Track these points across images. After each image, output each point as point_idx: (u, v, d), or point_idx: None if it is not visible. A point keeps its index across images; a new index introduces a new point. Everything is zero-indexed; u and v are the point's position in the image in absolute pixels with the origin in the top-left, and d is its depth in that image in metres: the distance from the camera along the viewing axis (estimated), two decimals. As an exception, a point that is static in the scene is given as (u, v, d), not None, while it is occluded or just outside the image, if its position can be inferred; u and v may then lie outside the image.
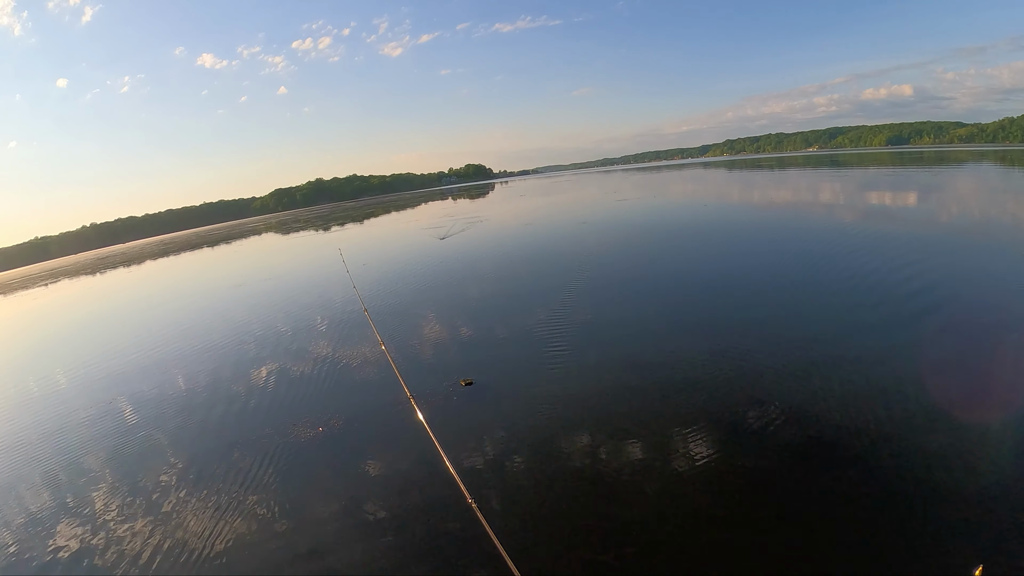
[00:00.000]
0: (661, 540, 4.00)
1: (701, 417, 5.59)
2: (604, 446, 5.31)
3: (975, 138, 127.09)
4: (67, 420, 8.53)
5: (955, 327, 7.50)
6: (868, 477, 4.38)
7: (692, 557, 3.83)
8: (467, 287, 14.07)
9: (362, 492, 5.15)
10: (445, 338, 9.70)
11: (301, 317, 12.96)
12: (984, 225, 15.34)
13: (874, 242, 13.83)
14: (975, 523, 3.84)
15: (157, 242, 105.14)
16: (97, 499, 5.82)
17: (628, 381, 6.79)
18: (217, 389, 8.73)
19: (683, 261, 14.18)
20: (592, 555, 3.92)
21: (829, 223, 18.27)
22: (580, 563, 3.87)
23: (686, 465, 4.81)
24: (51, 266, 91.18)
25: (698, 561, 3.79)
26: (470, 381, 7.17)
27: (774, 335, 7.76)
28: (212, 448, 6.60)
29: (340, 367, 8.90)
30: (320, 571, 4.18)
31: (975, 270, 10.40)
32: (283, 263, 28.83)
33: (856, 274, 10.59)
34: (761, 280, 11.20)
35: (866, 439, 4.90)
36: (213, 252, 46.44)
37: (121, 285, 33.61)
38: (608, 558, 3.87)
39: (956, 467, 4.45)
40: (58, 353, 14.85)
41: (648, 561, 3.83)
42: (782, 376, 6.33)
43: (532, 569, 3.77)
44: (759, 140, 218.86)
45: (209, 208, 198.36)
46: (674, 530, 4.10)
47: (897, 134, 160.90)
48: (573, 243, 19.14)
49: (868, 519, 3.96)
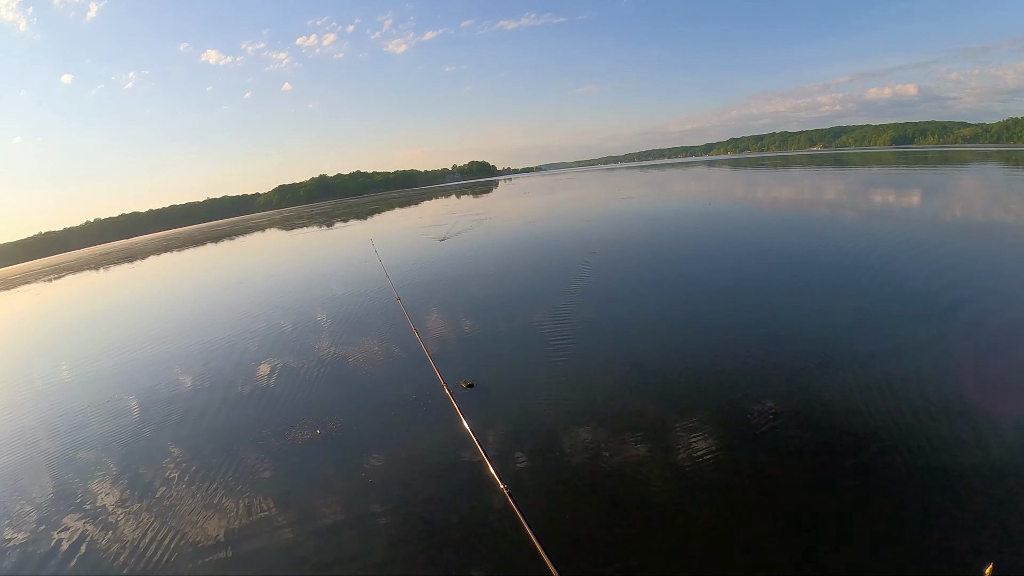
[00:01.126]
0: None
1: (704, 413, 5.61)
2: (608, 442, 5.31)
3: (979, 138, 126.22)
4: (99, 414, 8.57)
5: (969, 326, 7.51)
6: (879, 476, 4.37)
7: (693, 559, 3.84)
8: (469, 286, 14.05)
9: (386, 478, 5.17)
10: (446, 338, 9.69)
11: (333, 304, 13.02)
12: (993, 226, 15.26)
13: (881, 241, 13.76)
14: (986, 521, 3.85)
15: (160, 238, 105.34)
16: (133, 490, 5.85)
17: (633, 380, 6.79)
18: (229, 380, 8.79)
19: (690, 261, 14.14)
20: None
21: (834, 222, 18.19)
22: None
23: (689, 464, 4.81)
24: (55, 261, 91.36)
25: (698, 562, 3.80)
26: (471, 383, 7.15)
27: (783, 334, 7.75)
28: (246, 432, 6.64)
29: (372, 356, 8.93)
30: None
31: (987, 270, 10.37)
32: (295, 258, 28.88)
33: (864, 274, 10.58)
34: (767, 280, 11.17)
35: (875, 438, 4.89)
36: (217, 248, 46.55)
37: (135, 280, 33.71)
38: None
39: (966, 464, 4.44)
40: (81, 346, 14.91)
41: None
42: (791, 373, 6.32)
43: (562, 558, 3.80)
44: (763, 139, 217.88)
45: (213, 204, 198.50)
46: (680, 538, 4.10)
47: (901, 134, 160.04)
48: (578, 241, 19.10)
49: (876, 517, 3.96)
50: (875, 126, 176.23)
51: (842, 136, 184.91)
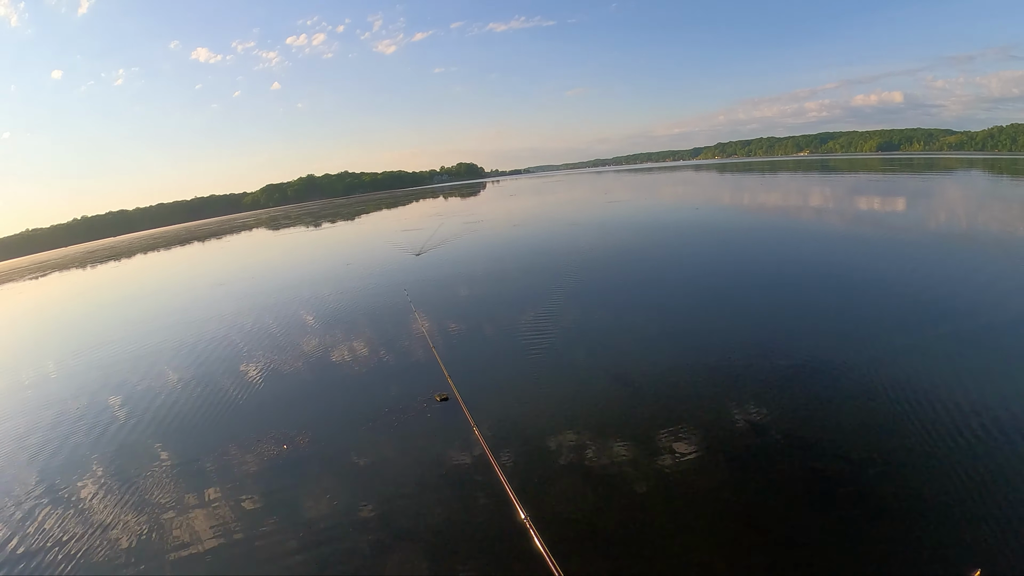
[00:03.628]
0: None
1: (684, 418, 5.56)
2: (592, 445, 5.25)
3: (964, 146, 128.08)
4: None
5: (959, 332, 7.61)
6: (871, 482, 4.37)
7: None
8: (457, 289, 13.95)
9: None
10: (419, 349, 9.59)
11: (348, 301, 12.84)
12: (980, 231, 15.44)
13: (867, 248, 13.85)
14: (975, 526, 3.99)
15: (147, 236, 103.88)
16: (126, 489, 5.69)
17: (621, 392, 6.74)
18: (222, 381, 8.62)
19: (674, 268, 14.16)
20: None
21: (819, 229, 18.36)
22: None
23: (671, 463, 4.77)
24: (41, 259, 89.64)
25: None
26: (445, 396, 7.06)
27: (769, 339, 7.75)
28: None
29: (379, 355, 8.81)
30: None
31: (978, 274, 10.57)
32: (266, 261, 28.54)
33: (847, 280, 10.67)
34: (750, 285, 11.27)
35: (863, 446, 4.93)
36: (204, 247, 45.94)
37: (119, 279, 33.13)
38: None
39: (954, 472, 4.56)
40: (76, 342, 14.58)
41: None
42: (786, 380, 6.31)
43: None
44: (750, 143, 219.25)
45: (200, 203, 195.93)
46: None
47: (888, 140, 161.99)
48: (565, 244, 19.00)
49: (867, 522, 4.07)
50: (862, 132, 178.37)
51: (829, 142, 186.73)
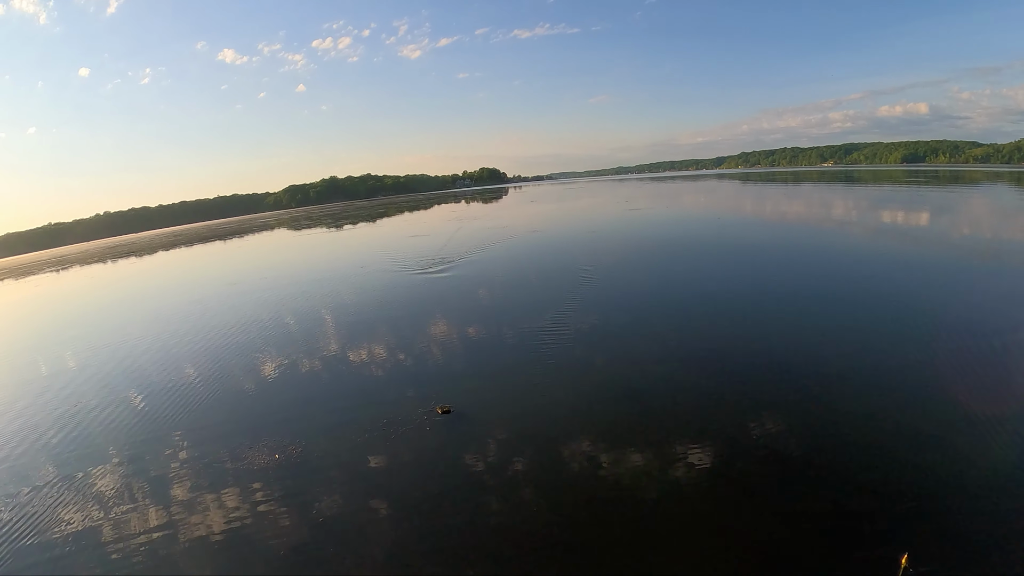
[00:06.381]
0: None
1: (701, 430, 5.25)
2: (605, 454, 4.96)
3: (991, 158, 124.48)
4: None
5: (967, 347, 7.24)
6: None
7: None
8: (476, 294, 13.74)
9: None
10: (421, 360, 9.38)
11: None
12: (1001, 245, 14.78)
13: (888, 261, 13.34)
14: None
15: (169, 233, 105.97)
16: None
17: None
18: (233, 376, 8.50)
19: (697, 282, 13.76)
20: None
21: (841, 241, 17.83)
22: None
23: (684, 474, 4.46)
24: (62, 253, 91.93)
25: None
26: (447, 409, 6.81)
27: (795, 349, 7.39)
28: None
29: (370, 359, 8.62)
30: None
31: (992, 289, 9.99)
32: (285, 260, 28.70)
33: (870, 291, 10.23)
34: (772, 299, 11.01)
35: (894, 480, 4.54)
36: (224, 245, 46.55)
37: (135, 275, 33.65)
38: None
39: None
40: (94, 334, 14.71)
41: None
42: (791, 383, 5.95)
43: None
44: (774, 154, 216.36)
45: (223, 201, 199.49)
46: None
47: (913, 152, 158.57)
48: (585, 253, 18.71)
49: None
50: (887, 144, 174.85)
51: (853, 153, 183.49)
